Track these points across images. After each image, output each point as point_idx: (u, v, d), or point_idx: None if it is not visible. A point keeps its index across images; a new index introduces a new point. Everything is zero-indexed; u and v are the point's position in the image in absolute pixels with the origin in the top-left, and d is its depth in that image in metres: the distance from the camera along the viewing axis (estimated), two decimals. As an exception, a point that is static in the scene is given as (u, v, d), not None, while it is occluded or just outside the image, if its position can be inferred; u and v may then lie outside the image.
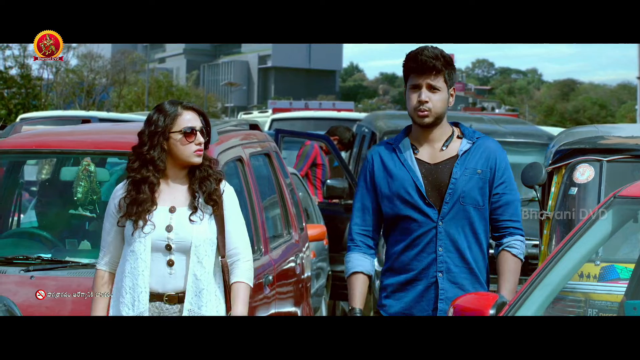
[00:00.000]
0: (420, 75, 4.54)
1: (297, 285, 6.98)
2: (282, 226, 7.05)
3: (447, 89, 4.56)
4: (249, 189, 6.26)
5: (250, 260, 4.65)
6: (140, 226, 4.41)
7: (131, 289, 4.41)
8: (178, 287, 4.44)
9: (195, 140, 4.47)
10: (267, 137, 7.43)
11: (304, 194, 8.91)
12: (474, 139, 4.59)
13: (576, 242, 3.69)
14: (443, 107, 4.55)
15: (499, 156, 4.55)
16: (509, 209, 4.51)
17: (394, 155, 4.61)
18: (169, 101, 4.61)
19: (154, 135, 4.45)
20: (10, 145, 6.14)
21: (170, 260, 4.43)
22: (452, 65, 4.59)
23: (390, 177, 4.60)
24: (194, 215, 4.45)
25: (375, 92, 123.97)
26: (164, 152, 4.45)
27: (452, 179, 4.51)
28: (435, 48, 4.58)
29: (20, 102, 37.77)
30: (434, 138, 4.59)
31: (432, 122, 4.55)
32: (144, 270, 4.40)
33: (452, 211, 4.50)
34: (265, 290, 6.13)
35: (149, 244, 4.41)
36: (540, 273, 3.67)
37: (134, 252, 4.42)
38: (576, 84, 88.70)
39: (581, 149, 5.67)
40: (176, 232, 4.43)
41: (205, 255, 4.47)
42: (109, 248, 4.55)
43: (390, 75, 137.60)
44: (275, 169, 7.15)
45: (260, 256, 6.15)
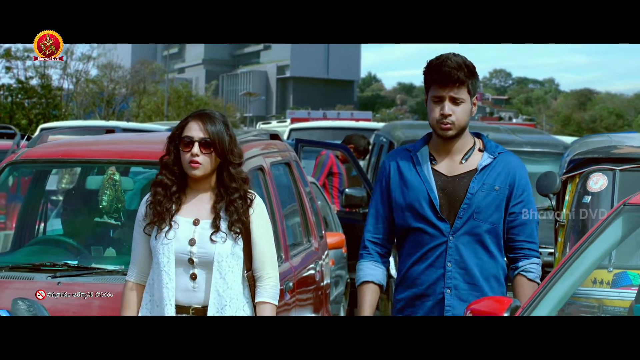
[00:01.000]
0: (443, 87, 4.39)
1: (316, 292, 7.08)
2: (302, 234, 7.16)
3: (470, 99, 4.41)
4: (270, 198, 6.39)
5: (276, 277, 4.53)
6: (164, 230, 4.34)
7: (159, 301, 4.36)
8: (201, 300, 4.37)
9: (192, 151, 4.35)
10: (287, 147, 7.55)
11: (322, 203, 9.01)
12: (495, 153, 4.45)
13: (587, 249, 3.79)
14: (466, 119, 4.41)
15: (519, 174, 4.41)
16: (525, 230, 4.39)
17: (411, 164, 4.51)
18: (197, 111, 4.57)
19: (170, 140, 4.43)
20: (37, 154, 6.29)
21: (194, 274, 4.36)
22: (475, 73, 4.44)
23: (406, 187, 4.48)
24: (215, 235, 4.36)
25: (393, 101, 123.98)
26: (177, 157, 4.39)
27: (468, 194, 4.37)
28: (457, 56, 4.43)
29: (40, 112, 38.00)
30: (454, 150, 4.46)
31: (455, 135, 4.42)
32: (167, 283, 4.34)
33: (464, 226, 4.37)
34: (286, 297, 6.24)
35: (173, 256, 4.34)
36: (552, 278, 3.78)
37: (158, 264, 4.36)
38: (593, 93, 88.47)
39: (594, 158, 5.76)
40: (199, 246, 4.36)
41: (229, 271, 4.38)
42: (138, 259, 4.49)
43: (407, 85, 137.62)
44: (295, 177, 7.27)
45: (281, 263, 6.28)
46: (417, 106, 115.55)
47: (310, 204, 7.42)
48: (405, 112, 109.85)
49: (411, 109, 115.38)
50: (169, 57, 75.99)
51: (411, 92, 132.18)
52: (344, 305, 9.54)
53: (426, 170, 4.46)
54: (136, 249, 4.49)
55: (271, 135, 7.34)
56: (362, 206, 9.70)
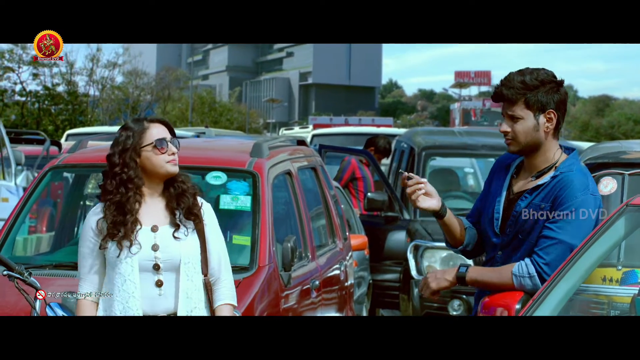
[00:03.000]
0: (503, 104, 4.40)
1: (341, 292, 7.38)
2: (327, 235, 7.47)
3: (532, 115, 4.33)
4: (297, 201, 6.72)
5: (232, 280, 4.49)
6: (127, 246, 4.24)
7: (122, 313, 4.23)
8: (168, 308, 4.29)
9: (168, 151, 4.31)
10: (313, 152, 7.89)
11: (345, 206, 9.26)
12: (558, 171, 4.33)
13: (592, 246, 4.11)
14: (528, 136, 4.34)
15: (569, 194, 4.26)
16: (543, 243, 4.28)
17: (503, 172, 4.52)
18: (132, 119, 4.48)
19: (124, 152, 4.30)
20: (78, 159, 6.62)
21: (159, 281, 4.27)
22: (538, 86, 4.31)
23: (489, 192, 4.54)
24: (177, 232, 4.30)
25: (413, 108, 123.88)
26: (138, 168, 4.30)
27: (514, 212, 4.37)
28: (521, 71, 4.36)
29: (67, 118, 38.41)
30: (529, 166, 4.43)
31: (518, 150, 4.38)
32: (134, 292, 4.23)
33: (511, 244, 4.38)
34: (312, 295, 6.56)
35: (137, 265, 4.24)
36: (559, 274, 4.08)
37: (121, 274, 4.24)
38: (611, 100, 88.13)
39: (605, 163, 6.00)
40: (162, 250, 4.28)
41: (195, 273, 4.33)
42: (90, 274, 4.34)
43: (428, 92, 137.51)
44: (320, 181, 7.59)
45: (307, 262, 6.60)
46: (438, 112, 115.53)
47: (335, 207, 7.72)
48: (426, 118, 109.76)
49: (431, 115, 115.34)
50: (193, 64, 76.41)
51: (432, 99, 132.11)
52: (366, 305, 9.76)
53: (505, 182, 4.48)
54: (86, 263, 4.35)
55: (298, 142, 7.69)
56: (383, 210, 9.90)
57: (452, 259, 9.08)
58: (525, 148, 4.37)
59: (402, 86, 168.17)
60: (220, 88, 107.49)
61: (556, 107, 4.36)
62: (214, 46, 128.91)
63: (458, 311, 8.99)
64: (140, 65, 50.84)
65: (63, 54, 39.24)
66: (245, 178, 6.26)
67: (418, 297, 9.17)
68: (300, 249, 6.45)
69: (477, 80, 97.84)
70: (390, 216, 9.94)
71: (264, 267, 5.86)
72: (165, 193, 4.37)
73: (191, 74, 66.11)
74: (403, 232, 9.80)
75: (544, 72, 4.37)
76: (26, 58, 38.41)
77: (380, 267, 10.00)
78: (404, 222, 9.88)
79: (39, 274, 5.41)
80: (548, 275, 4.22)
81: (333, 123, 51.26)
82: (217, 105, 61.45)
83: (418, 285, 8.97)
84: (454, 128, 24.55)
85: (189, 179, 4.41)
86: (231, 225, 6.30)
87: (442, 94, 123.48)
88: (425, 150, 10.27)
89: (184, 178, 4.38)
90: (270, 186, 6.25)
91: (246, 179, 6.26)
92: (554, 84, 4.35)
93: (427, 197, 4.48)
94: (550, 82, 4.35)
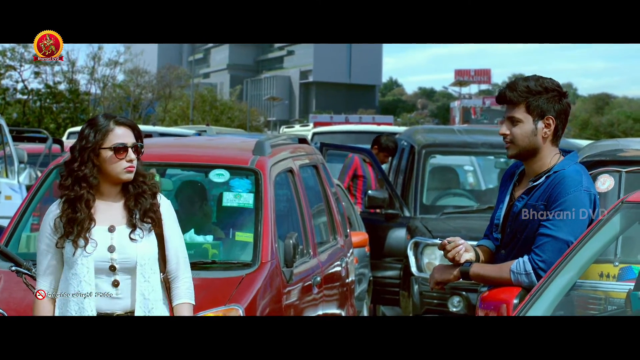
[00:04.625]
0: (505, 107, 4.49)
1: (342, 288, 7.45)
2: (328, 232, 7.54)
3: (532, 120, 4.42)
4: (299, 198, 6.80)
5: (190, 278, 4.44)
6: (82, 245, 4.20)
7: (78, 313, 4.19)
8: (126, 307, 4.25)
9: (127, 157, 4.23)
10: (315, 150, 7.96)
11: (346, 203, 9.32)
12: (553, 171, 4.43)
13: (588, 242, 4.19)
14: (526, 140, 4.44)
15: (562, 191, 4.35)
16: (539, 241, 4.37)
17: (509, 181, 4.63)
18: (102, 114, 4.40)
19: (84, 150, 4.23)
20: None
21: (115, 281, 4.22)
22: (541, 92, 4.40)
23: (498, 196, 4.67)
24: (133, 233, 4.25)
25: (413, 106, 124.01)
26: (95, 167, 4.22)
27: (512, 212, 4.49)
28: (527, 77, 4.46)
29: (68, 116, 38.51)
30: (528, 172, 4.53)
31: (516, 154, 4.48)
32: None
33: (511, 243, 4.50)
34: (314, 291, 6.64)
35: (92, 265, 4.20)
36: (556, 269, 4.16)
37: (76, 274, 4.20)
38: (610, 98, 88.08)
39: (602, 160, 6.08)
40: (119, 251, 4.23)
41: (152, 273, 4.27)
42: (47, 272, 4.29)
43: (428, 90, 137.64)
44: (322, 179, 7.66)
45: (309, 259, 6.68)
46: (438, 110, 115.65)
47: (336, 204, 7.79)
48: (426, 116, 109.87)
49: (432, 113, 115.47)
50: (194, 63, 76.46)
51: (432, 97, 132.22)
52: (367, 302, 9.81)
53: (509, 188, 4.61)
54: (44, 260, 4.29)
55: (299, 140, 7.77)
56: (384, 207, 9.96)
57: (452, 256, 9.14)
58: (523, 152, 4.46)
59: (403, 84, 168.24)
60: (221, 86, 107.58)
61: (556, 115, 4.44)
62: (215, 45, 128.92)
63: (458, 307, 9.07)
64: (142, 64, 50.88)
65: (64, 53, 39.39)
66: (247, 176, 6.34)
67: (418, 293, 9.26)
68: (302, 246, 6.52)
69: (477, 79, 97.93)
70: (390, 213, 10.01)
71: (266, 264, 5.93)
72: (124, 192, 4.31)
73: (192, 72, 66.14)
74: (403, 229, 9.87)
75: (550, 81, 4.45)
76: (28, 56, 38.50)
77: (381, 264, 10.06)
78: (404, 220, 9.94)
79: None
80: (544, 272, 4.30)
81: (333, 121, 51.27)
82: (218, 104, 61.48)
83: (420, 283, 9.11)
84: (453, 126, 24.61)
85: (151, 176, 4.35)
86: (234, 222, 6.38)
87: (442, 92, 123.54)
88: (425, 148, 10.31)
89: (145, 177, 4.31)
90: (272, 184, 6.32)
91: (249, 177, 6.34)
92: (557, 92, 4.43)
93: (467, 252, 4.58)
94: (554, 90, 4.43)
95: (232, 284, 5.75)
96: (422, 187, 10.10)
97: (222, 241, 6.29)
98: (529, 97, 4.39)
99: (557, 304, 4.17)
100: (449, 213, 9.87)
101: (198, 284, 5.25)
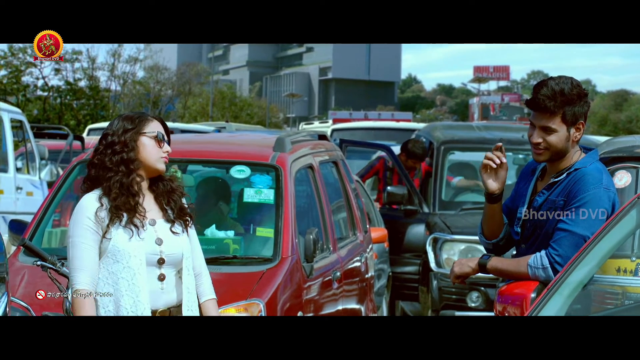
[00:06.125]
0: (535, 114, 4.48)
1: (361, 283, 7.49)
2: (348, 228, 7.59)
3: (566, 128, 4.46)
4: (319, 194, 6.85)
5: (209, 274, 4.47)
6: (136, 228, 4.15)
7: (133, 307, 4.12)
8: (169, 302, 4.23)
9: (164, 148, 4.25)
10: (334, 147, 8.00)
11: (366, 199, 9.36)
12: (574, 168, 4.48)
13: (605, 237, 4.23)
14: (561, 145, 4.48)
15: (582, 188, 4.42)
16: (556, 236, 4.43)
17: (530, 175, 4.68)
18: (130, 112, 4.42)
19: (125, 133, 4.20)
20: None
21: (162, 275, 4.19)
22: (575, 100, 4.43)
23: (516, 192, 4.71)
24: (174, 227, 4.25)
25: (432, 102, 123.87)
26: (137, 152, 4.20)
27: (532, 208, 4.55)
28: (559, 82, 4.44)
29: (89, 112, 38.63)
30: (551, 169, 4.58)
31: (548, 159, 4.52)
32: (143, 285, 4.12)
33: (531, 238, 4.56)
34: (334, 286, 6.69)
35: (144, 258, 4.15)
36: (573, 264, 4.20)
37: (130, 267, 4.12)
38: (629, 94, 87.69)
39: (619, 157, 6.12)
40: (166, 244, 4.20)
41: (191, 267, 4.30)
42: (87, 267, 4.12)
43: (447, 87, 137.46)
44: (342, 175, 7.72)
45: (329, 254, 6.73)
46: (457, 107, 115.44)
47: (355, 200, 7.84)
48: (445, 112, 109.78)
49: (450, 109, 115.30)
50: (214, 59, 76.61)
51: (450, 93, 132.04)
52: (386, 297, 9.88)
53: (531, 185, 4.65)
54: (86, 254, 4.11)
55: (319, 136, 7.83)
56: (403, 203, 10.03)
57: (471, 251, 9.21)
58: (554, 156, 4.52)
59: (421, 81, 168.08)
60: (240, 83, 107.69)
61: (585, 118, 4.52)
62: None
63: (476, 303, 9.12)
64: (161, 61, 51.01)
65: (84, 49, 39.54)
66: (268, 172, 6.41)
67: (437, 289, 9.31)
68: (322, 241, 6.58)
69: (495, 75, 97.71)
70: (409, 209, 10.06)
71: (286, 259, 6.00)
72: (153, 188, 4.28)
73: (212, 69, 66.37)
74: (422, 225, 9.92)
75: (578, 85, 4.48)
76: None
77: (400, 260, 10.12)
78: (423, 216, 10.00)
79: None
80: (560, 266, 4.36)
81: (352, 118, 51.32)
82: (238, 100, 61.59)
83: (439, 279, 9.16)
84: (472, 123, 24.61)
85: (175, 178, 4.36)
86: (254, 217, 6.45)
87: (461, 89, 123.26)
88: (444, 145, 10.36)
89: (171, 177, 4.33)
90: (292, 180, 6.38)
91: (269, 173, 6.40)
92: (585, 97, 4.49)
93: (495, 176, 4.57)
94: (584, 95, 4.49)
95: (253, 278, 5.81)
96: (441, 183, 10.15)
97: (243, 237, 6.35)
98: (565, 107, 4.43)
99: (574, 298, 4.22)
100: (468, 209, 9.92)
101: (219, 279, 5.36)
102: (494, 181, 4.59)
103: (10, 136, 12.57)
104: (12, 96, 36.50)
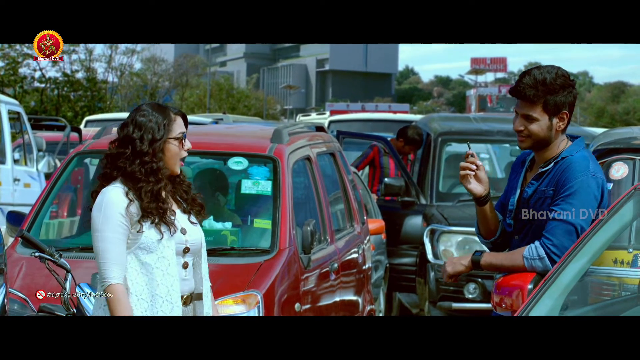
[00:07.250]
0: (518, 102, 4.50)
1: (359, 275, 7.52)
2: (345, 219, 7.60)
3: (548, 117, 4.47)
4: (316, 185, 6.86)
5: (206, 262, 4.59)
6: (172, 232, 4.27)
7: (167, 296, 4.26)
8: (190, 288, 4.38)
9: (185, 146, 4.35)
10: (332, 138, 8.02)
11: (363, 191, 9.37)
12: (561, 157, 4.51)
13: (601, 229, 4.25)
14: (543, 133, 4.49)
15: (570, 176, 4.43)
16: (548, 226, 4.44)
17: (520, 167, 4.70)
18: (153, 104, 4.40)
19: (154, 142, 4.26)
20: (103, 145, 6.76)
21: (185, 263, 4.35)
22: (558, 90, 4.44)
23: (508, 185, 4.72)
24: (191, 217, 4.39)
25: (430, 94, 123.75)
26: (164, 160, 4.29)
27: (522, 199, 4.56)
28: (542, 71, 4.46)
29: (86, 104, 38.63)
30: (539, 159, 4.59)
31: (530, 146, 4.55)
32: (175, 274, 4.28)
33: (524, 229, 4.56)
34: (331, 277, 6.71)
35: (174, 247, 4.30)
36: (570, 255, 4.21)
37: (164, 258, 4.25)
38: (626, 86, 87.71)
39: (616, 148, 6.12)
40: (189, 234, 4.36)
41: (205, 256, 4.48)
42: (119, 260, 4.24)
43: (444, 78, 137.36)
44: (339, 167, 7.73)
45: (326, 246, 6.75)
46: (454, 99, 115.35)
47: (353, 192, 7.85)
48: (442, 104, 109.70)
49: (448, 101, 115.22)
50: (211, 51, 76.53)
51: (447, 85, 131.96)
52: (383, 288, 9.88)
53: (521, 177, 4.67)
54: (118, 248, 4.22)
55: (317, 128, 7.83)
56: (400, 195, 10.03)
57: (468, 243, 9.23)
58: (536, 144, 4.53)
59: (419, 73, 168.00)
60: (237, 75, 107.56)
61: (569, 108, 4.51)
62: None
63: (474, 294, 9.14)
64: (159, 52, 50.99)
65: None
66: (266, 163, 6.42)
67: (434, 280, 9.33)
68: (320, 233, 6.59)
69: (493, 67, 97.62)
70: (407, 201, 10.07)
71: (284, 250, 6.01)
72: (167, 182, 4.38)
73: (209, 60, 66.19)
74: (419, 216, 9.93)
75: (563, 75, 4.50)
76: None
77: (397, 251, 10.13)
78: (420, 207, 10.01)
79: (66, 256, 5.55)
80: (557, 256, 4.38)
81: (350, 109, 51.31)
82: (235, 92, 61.60)
83: (436, 270, 9.18)
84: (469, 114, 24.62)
85: (183, 173, 4.43)
86: (252, 209, 6.47)
87: (458, 81, 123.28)
88: (441, 136, 10.35)
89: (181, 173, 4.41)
90: (290, 171, 6.39)
91: (267, 164, 6.42)
92: (571, 88, 4.49)
93: (477, 181, 4.61)
94: (569, 86, 4.49)
95: (251, 270, 5.83)
96: (438, 175, 10.16)
97: (241, 228, 6.37)
98: (547, 96, 4.44)
99: (570, 289, 4.23)
100: (465, 201, 9.92)
101: (217, 270, 5.40)
102: (478, 185, 4.61)
103: (7, 128, 12.55)
104: (9, 88, 36.46)
